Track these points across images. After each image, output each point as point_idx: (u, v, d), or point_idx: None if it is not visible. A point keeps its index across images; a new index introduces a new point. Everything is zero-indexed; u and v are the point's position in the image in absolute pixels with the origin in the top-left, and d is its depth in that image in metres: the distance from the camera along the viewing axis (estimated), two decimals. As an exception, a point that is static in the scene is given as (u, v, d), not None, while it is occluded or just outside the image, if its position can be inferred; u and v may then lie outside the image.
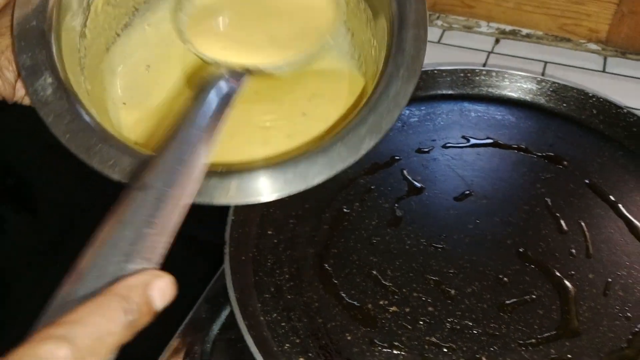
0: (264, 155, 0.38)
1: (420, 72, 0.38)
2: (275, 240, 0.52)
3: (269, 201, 0.35)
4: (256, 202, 0.35)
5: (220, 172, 0.34)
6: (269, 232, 0.53)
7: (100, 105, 0.40)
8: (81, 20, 0.39)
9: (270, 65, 0.39)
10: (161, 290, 0.23)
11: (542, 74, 0.79)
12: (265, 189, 0.35)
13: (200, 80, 0.36)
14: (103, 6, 0.41)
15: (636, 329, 0.45)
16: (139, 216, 0.25)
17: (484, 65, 0.82)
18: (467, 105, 0.66)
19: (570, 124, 0.63)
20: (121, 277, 0.22)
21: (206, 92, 0.35)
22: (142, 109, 0.43)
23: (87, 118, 0.34)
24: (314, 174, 0.36)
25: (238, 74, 0.37)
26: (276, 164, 0.35)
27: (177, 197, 0.27)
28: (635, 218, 0.53)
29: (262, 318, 0.47)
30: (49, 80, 0.35)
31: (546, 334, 0.45)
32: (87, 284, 0.22)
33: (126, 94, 0.43)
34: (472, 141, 0.61)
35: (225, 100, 0.35)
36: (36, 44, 0.35)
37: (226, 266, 0.47)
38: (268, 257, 0.51)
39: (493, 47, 0.85)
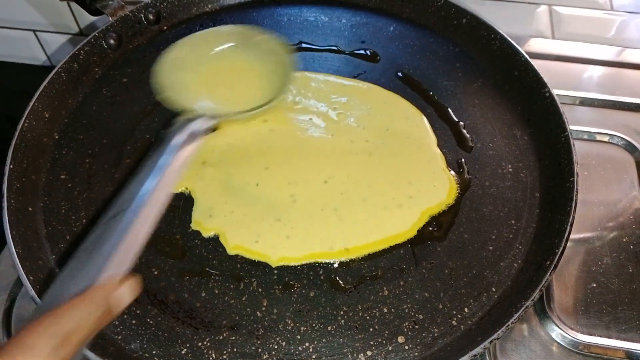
0: None
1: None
2: (69, 185, 0.47)
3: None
4: None
5: None
6: (62, 177, 0.47)
7: None
8: None
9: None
10: (121, 294, 0.30)
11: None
12: None
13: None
14: None
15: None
16: (113, 237, 0.33)
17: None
18: (279, 10, 0.62)
19: (382, 16, 0.61)
20: (96, 282, 0.30)
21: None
22: None
23: None
24: None
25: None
26: None
27: (144, 221, 0.34)
28: (445, 102, 0.54)
29: (57, 270, 0.42)
30: None
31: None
32: (71, 285, 0.30)
33: None
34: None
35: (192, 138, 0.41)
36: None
37: (5, 221, 0.42)
38: (62, 203, 0.46)
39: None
